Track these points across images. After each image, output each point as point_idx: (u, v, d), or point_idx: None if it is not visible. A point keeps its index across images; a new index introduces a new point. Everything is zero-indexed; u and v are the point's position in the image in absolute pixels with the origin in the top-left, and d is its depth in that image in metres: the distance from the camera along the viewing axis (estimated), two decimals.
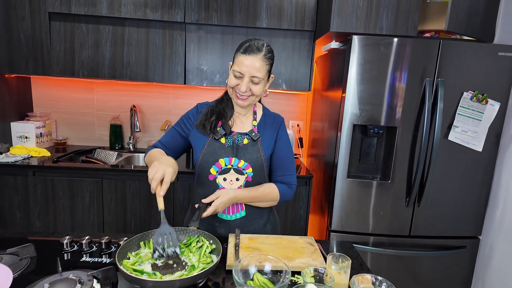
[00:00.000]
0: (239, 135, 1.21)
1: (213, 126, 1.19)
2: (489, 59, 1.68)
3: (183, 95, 2.55)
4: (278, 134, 1.25)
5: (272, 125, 1.26)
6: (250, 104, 1.19)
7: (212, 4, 2.08)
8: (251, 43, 1.12)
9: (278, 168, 1.26)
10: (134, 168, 2.06)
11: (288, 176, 1.26)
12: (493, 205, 1.84)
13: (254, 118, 1.26)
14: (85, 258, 0.97)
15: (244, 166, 1.17)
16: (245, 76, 1.11)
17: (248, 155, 1.18)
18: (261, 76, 1.12)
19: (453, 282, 1.92)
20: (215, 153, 1.18)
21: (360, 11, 1.76)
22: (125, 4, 2.05)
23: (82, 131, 2.56)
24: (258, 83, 1.13)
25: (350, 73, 1.70)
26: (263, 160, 1.19)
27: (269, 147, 1.22)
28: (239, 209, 1.22)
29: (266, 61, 1.12)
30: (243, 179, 1.19)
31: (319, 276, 0.87)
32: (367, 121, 1.73)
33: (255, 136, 1.20)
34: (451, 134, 1.73)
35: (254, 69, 1.10)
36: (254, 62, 1.09)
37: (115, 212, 2.04)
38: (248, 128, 1.24)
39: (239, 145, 1.19)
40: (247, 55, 1.10)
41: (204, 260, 0.88)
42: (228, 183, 1.19)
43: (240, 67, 1.10)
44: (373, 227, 1.83)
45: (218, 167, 1.18)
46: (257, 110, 1.28)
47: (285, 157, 1.26)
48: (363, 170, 1.86)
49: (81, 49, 2.12)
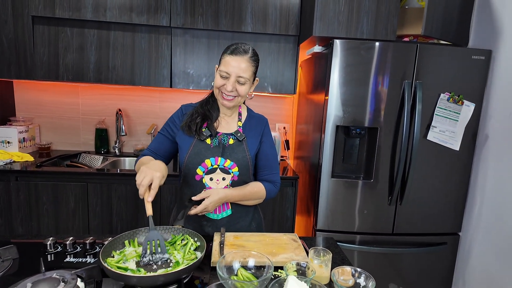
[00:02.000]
0: (225, 135, 1.24)
1: (198, 128, 1.21)
2: (464, 62, 1.76)
3: (169, 99, 2.55)
4: (263, 135, 1.29)
5: (257, 126, 1.30)
6: (235, 105, 1.23)
7: (197, 9, 2.11)
8: (237, 46, 1.16)
9: (264, 168, 1.30)
10: (119, 172, 2.05)
11: (273, 175, 1.31)
12: (471, 202, 1.91)
13: (239, 119, 1.29)
14: (69, 258, 0.97)
15: (230, 166, 1.20)
16: (232, 76, 1.14)
17: (234, 154, 1.21)
18: (247, 76, 1.16)
19: (436, 277, 1.97)
20: (201, 154, 1.20)
21: (342, 16, 1.82)
22: (110, 9, 2.06)
23: (67, 135, 2.53)
24: (244, 83, 1.17)
25: (333, 76, 1.75)
26: (248, 160, 1.22)
27: (254, 146, 1.26)
28: (225, 208, 1.25)
29: (252, 63, 1.17)
30: (229, 179, 1.21)
31: (301, 270, 0.90)
32: (350, 123, 1.78)
33: (240, 136, 1.23)
34: (430, 134, 1.79)
35: (240, 69, 1.14)
36: (241, 62, 1.14)
37: (101, 216, 2.02)
38: (233, 128, 1.27)
39: (225, 145, 1.22)
40: (234, 56, 1.14)
41: (188, 257, 0.89)
42: (215, 183, 1.21)
43: (226, 67, 1.14)
44: (358, 225, 1.87)
45: (204, 168, 1.20)
46: (242, 111, 1.32)
47: (270, 157, 1.30)
48: (346, 170, 1.90)
49: (66, 53, 2.11)
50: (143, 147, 2.53)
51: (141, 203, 2.02)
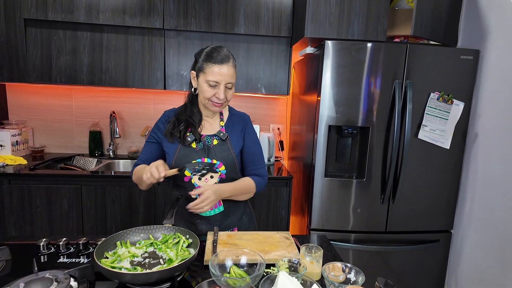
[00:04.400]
0: (208, 137, 1.27)
1: (182, 135, 1.24)
2: (453, 62, 1.79)
3: (163, 101, 2.56)
4: (245, 132, 1.33)
5: (239, 124, 1.33)
6: (223, 108, 1.28)
7: (190, 11, 2.12)
8: (218, 52, 1.16)
9: (250, 163, 1.33)
10: (114, 174, 2.05)
11: (259, 169, 1.34)
12: (462, 199, 1.94)
13: (221, 119, 1.33)
14: (62, 259, 0.97)
15: (217, 165, 1.24)
16: (221, 84, 1.16)
17: (219, 154, 1.24)
18: (234, 81, 1.20)
19: (429, 274, 2.00)
20: (187, 156, 1.22)
21: (333, 17, 1.84)
22: (103, 11, 2.06)
23: (61, 138, 2.52)
24: (231, 88, 1.21)
25: (325, 77, 1.77)
26: (233, 157, 1.26)
27: (238, 144, 1.29)
28: (218, 205, 1.28)
29: (234, 66, 1.21)
30: (217, 177, 1.25)
31: (293, 267, 0.91)
32: (342, 122, 1.80)
33: (223, 136, 1.26)
34: (421, 133, 1.82)
35: (229, 76, 1.17)
36: (228, 70, 1.16)
37: (95, 219, 2.02)
38: (216, 129, 1.30)
39: (209, 146, 1.25)
40: (221, 65, 1.15)
41: (182, 253, 0.90)
42: (203, 182, 1.24)
43: (215, 77, 1.15)
44: (352, 224, 1.89)
45: None
46: (223, 111, 1.35)
47: (255, 152, 1.34)
48: (339, 170, 1.92)
49: (58, 55, 2.11)
50: (137, 149, 2.53)
51: (135, 204, 2.03)
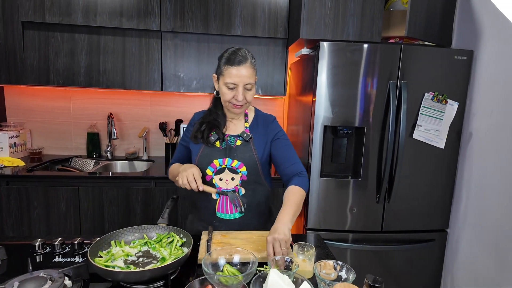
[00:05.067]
0: (232, 137, 1.27)
1: (205, 136, 1.25)
2: (447, 62, 1.81)
3: (160, 102, 2.57)
4: (274, 133, 1.31)
5: (264, 125, 1.32)
6: (245, 109, 1.28)
7: (187, 13, 2.14)
8: (236, 54, 1.16)
9: (284, 161, 1.28)
10: (111, 175, 2.06)
11: (296, 164, 1.28)
12: (457, 198, 1.95)
13: (246, 120, 1.32)
14: (57, 259, 0.98)
15: (238, 166, 1.23)
16: (239, 86, 1.16)
17: (240, 154, 1.24)
18: (253, 81, 1.19)
19: (425, 273, 2.00)
20: (210, 155, 1.24)
21: (328, 18, 1.86)
22: (101, 14, 2.08)
23: (58, 140, 2.53)
24: (251, 89, 1.19)
25: (320, 78, 1.78)
26: (256, 159, 1.25)
27: (261, 146, 1.28)
28: (238, 200, 1.23)
29: (253, 66, 1.19)
30: (239, 178, 1.24)
31: (285, 265, 0.92)
32: (338, 123, 1.82)
33: (246, 136, 1.26)
34: (416, 132, 1.83)
35: (246, 77, 1.16)
36: (245, 71, 1.15)
37: (93, 220, 2.03)
38: (240, 130, 1.30)
39: (232, 146, 1.25)
40: (238, 66, 1.15)
41: (175, 252, 0.91)
42: (224, 183, 1.24)
43: (233, 79, 1.15)
44: (348, 224, 1.90)
45: (213, 168, 1.24)
46: (248, 112, 1.35)
47: (288, 151, 1.30)
48: (335, 170, 1.94)
49: (56, 57, 2.13)
50: (134, 151, 2.54)
51: (133, 205, 2.04)
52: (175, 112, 2.60)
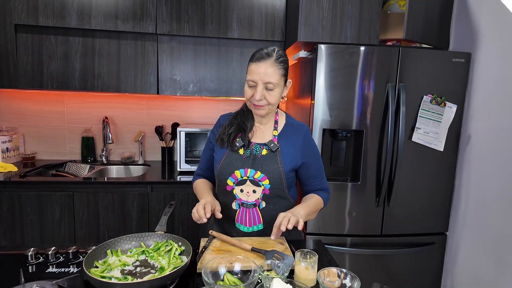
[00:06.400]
0: (258, 145, 1.18)
1: (231, 139, 1.17)
2: (445, 64, 1.81)
3: (156, 106, 2.54)
4: (306, 149, 1.21)
5: (295, 136, 1.21)
6: (268, 112, 1.16)
7: (183, 16, 2.12)
8: (261, 51, 1.10)
9: (312, 177, 1.24)
10: (107, 180, 2.02)
11: (323, 183, 1.27)
12: (457, 201, 1.95)
13: (275, 128, 1.21)
14: (51, 269, 0.94)
15: (261, 178, 1.14)
16: (259, 84, 1.08)
17: (265, 166, 1.14)
18: (275, 81, 1.08)
19: (425, 277, 1.99)
20: (231, 165, 1.16)
21: (325, 21, 1.85)
22: (95, 16, 2.05)
23: (52, 144, 2.49)
24: (273, 89, 1.09)
25: (318, 81, 1.77)
26: (281, 172, 1.15)
27: (289, 158, 1.17)
28: (257, 222, 1.19)
29: (278, 65, 1.09)
30: (260, 191, 1.16)
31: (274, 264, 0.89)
32: (336, 126, 1.80)
33: (274, 147, 1.16)
34: (414, 135, 1.82)
35: (266, 75, 1.07)
36: (265, 68, 1.07)
37: (88, 226, 1.98)
38: (268, 138, 1.20)
39: (256, 155, 1.16)
40: (258, 62, 1.08)
41: (174, 261, 0.88)
42: (245, 195, 1.17)
43: (252, 76, 1.09)
44: (348, 228, 1.88)
45: (234, 179, 1.16)
46: (279, 119, 1.24)
47: (316, 165, 1.24)
48: (334, 173, 1.92)
49: (50, 61, 2.09)
50: (130, 155, 2.50)
51: (128, 211, 2.00)
52: (171, 116, 2.57)
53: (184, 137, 2.18)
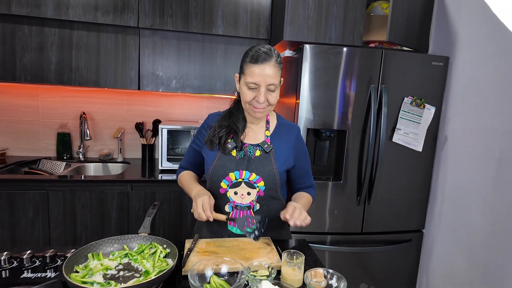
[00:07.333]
0: (251, 146, 1.16)
1: (222, 142, 1.13)
2: (425, 68, 1.86)
3: (137, 101, 2.47)
4: (298, 149, 1.21)
5: (287, 136, 1.20)
6: (267, 113, 1.15)
7: (167, 10, 2.06)
8: (259, 51, 1.06)
9: (301, 176, 1.27)
10: (84, 178, 1.95)
11: (310, 180, 1.31)
12: (433, 200, 2.02)
13: (267, 128, 1.20)
14: (26, 274, 0.90)
15: (256, 180, 1.13)
16: (261, 86, 1.05)
17: (260, 167, 1.13)
18: (277, 82, 1.07)
19: (403, 273, 2.06)
20: (225, 167, 1.13)
21: (311, 21, 1.85)
22: (73, 7, 1.95)
23: (25, 140, 2.37)
24: (274, 90, 1.07)
25: (303, 80, 1.78)
26: (275, 173, 1.14)
27: (282, 159, 1.17)
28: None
29: (278, 66, 1.07)
30: (255, 193, 1.14)
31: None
32: (320, 125, 1.82)
33: (267, 147, 1.15)
34: (395, 136, 1.87)
35: (270, 77, 1.04)
36: (269, 70, 1.04)
37: (63, 225, 1.90)
38: (260, 139, 1.18)
39: (251, 157, 1.14)
40: (260, 64, 1.04)
41: (159, 264, 0.86)
42: (239, 197, 1.15)
43: (254, 78, 1.04)
44: (329, 226, 1.91)
45: (228, 181, 1.14)
46: (270, 119, 1.22)
47: (305, 165, 1.27)
48: (317, 172, 1.94)
49: (23, 52, 1.98)
50: (109, 152, 2.42)
51: (107, 210, 1.94)
52: (153, 112, 2.50)
53: (166, 134, 2.14)
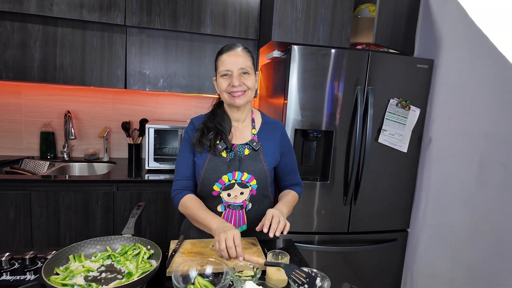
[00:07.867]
0: (240, 146, 1.17)
1: (212, 143, 1.14)
2: (410, 70, 1.90)
3: (123, 100, 2.44)
4: (284, 144, 1.24)
5: (273, 133, 1.23)
6: (248, 100, 1.16)
7: (154, 8, 2.04)
8: (227, 44, 1.15)
9: (288, 173, 1.28)
10: (68, 178, 1.91)
11: (296, 177, 1.32)
12: (417, 200, 2.06)
13: (253, 126, 1.22)
14: (5, 276, 0.87)
15: (248, 179, 1.14)
16: (234, 71, 1.10)
17: (250, 166, 1.15)
18: (249, 66, 1.12)
19: (388, 272, 2.09)
20: (217, 170, 1.13)
21: (299, 23, 1.87)
22: (58, 3, 1.91)
23: (7, 139, 2.30)
24: (249, 73, 1.12)
25: (291, 81, 1.78)
26: (266, 171, 1.16)
27: (270, 156, 1.19)
28: (241, 223, 1.18)
29: (247, 53, 1.14)
30: (248, 193, 1.16)
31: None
32: (308, 126, 1.83)
33: (256, 145, 1.17)
34: (381, 137, 1.90)
35: (239, 61, 1.11)
36: (237, 56, 1.11)
37: (46, 227, 1.86)
38: (248, 137, 1.20)
39: (240, 156, 1.15)
40: (229, 51, 1.12)
41: (142, 266, 0.85)
42: (233, 198, 1.15)
43: (225, 65, 1.11)
44: (316, 226, 1.93)
45: (221, 184, 1.14)
46: (255, 118, 1.25)
47: (291, 162, 1.29)
48: (304, 172, 1.95)
49: (5, 48, 1.92)
50: (94, 151, 2.38)
51: (92, 211, 1.91)
52: (139, 111, 2.47)
53: (153, 134, 2.11)
